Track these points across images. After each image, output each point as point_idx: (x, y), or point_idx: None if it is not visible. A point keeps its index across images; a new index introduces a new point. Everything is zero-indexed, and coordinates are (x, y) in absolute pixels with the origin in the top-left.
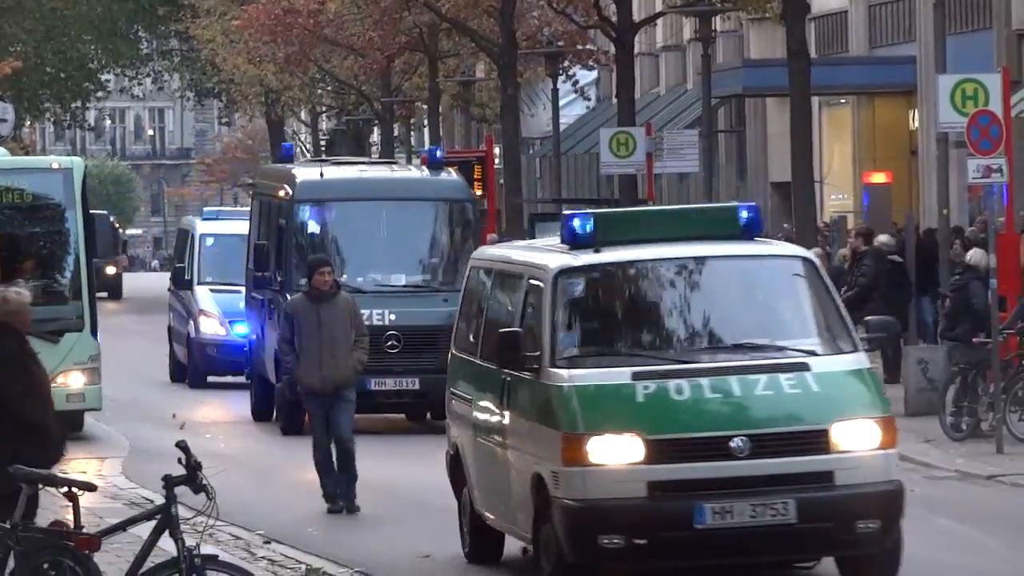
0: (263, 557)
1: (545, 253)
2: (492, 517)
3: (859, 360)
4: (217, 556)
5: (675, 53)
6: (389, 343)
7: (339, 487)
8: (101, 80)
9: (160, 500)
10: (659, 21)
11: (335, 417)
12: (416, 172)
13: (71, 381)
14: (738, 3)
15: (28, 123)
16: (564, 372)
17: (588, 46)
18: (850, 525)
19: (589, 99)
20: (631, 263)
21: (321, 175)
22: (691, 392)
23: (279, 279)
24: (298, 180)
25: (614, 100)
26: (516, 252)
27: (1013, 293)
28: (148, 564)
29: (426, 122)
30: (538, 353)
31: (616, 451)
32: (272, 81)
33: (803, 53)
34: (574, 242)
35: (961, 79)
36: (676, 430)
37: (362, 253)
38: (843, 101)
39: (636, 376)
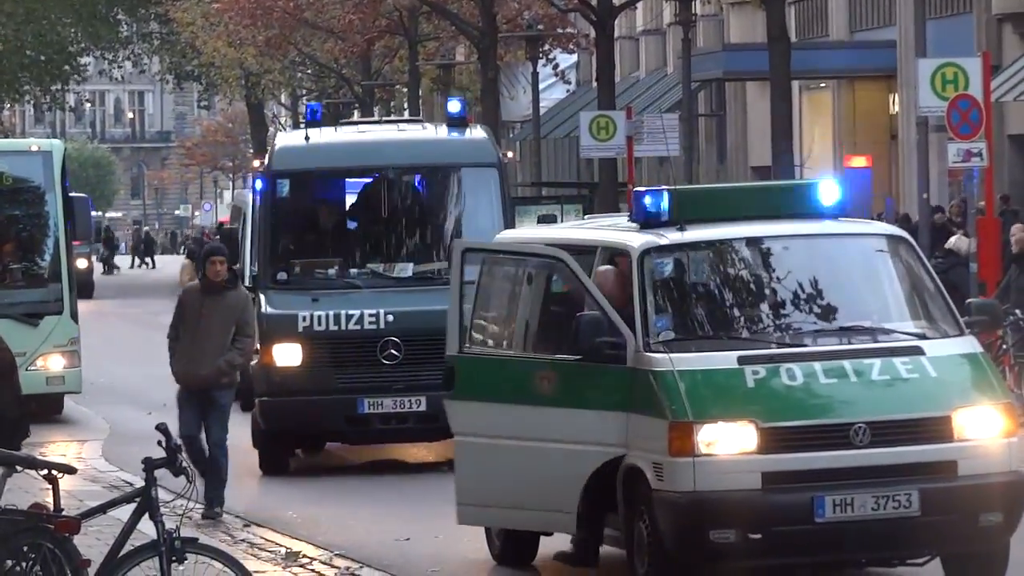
0: (243, 540)
1: (619, 232)
2: (528, 519)
3: (971, 343)
4: (197, 539)
5: (655, 37)
6: (386, 352)
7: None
8: (81, 63)
9: (140, 483)
10: (639, 5)
11: (207, 421)
12: (429, 130)
13: (51, 364)
14: None
15: (8, 106)
16: (664, 356)
17: (568, 29)
18: (974, 518)
19: (569, 83)
20: (723, 242)
21: (306, 139)
22: (804, 377)
23: (252, 272)
24: (276, 147)
25: (594, 84)
26: (574, 232)
27: (993, 278)
28: (128, 547)
29: (406, 105)
30: (621, 339)
31: (728, 440)
32: (252, 64)
33: (783, 37)
34: (647, 220)
35: (941, 63)
36: (792, 417)
37: (356, 237)
38: (823, 85)
39: (743, 360)
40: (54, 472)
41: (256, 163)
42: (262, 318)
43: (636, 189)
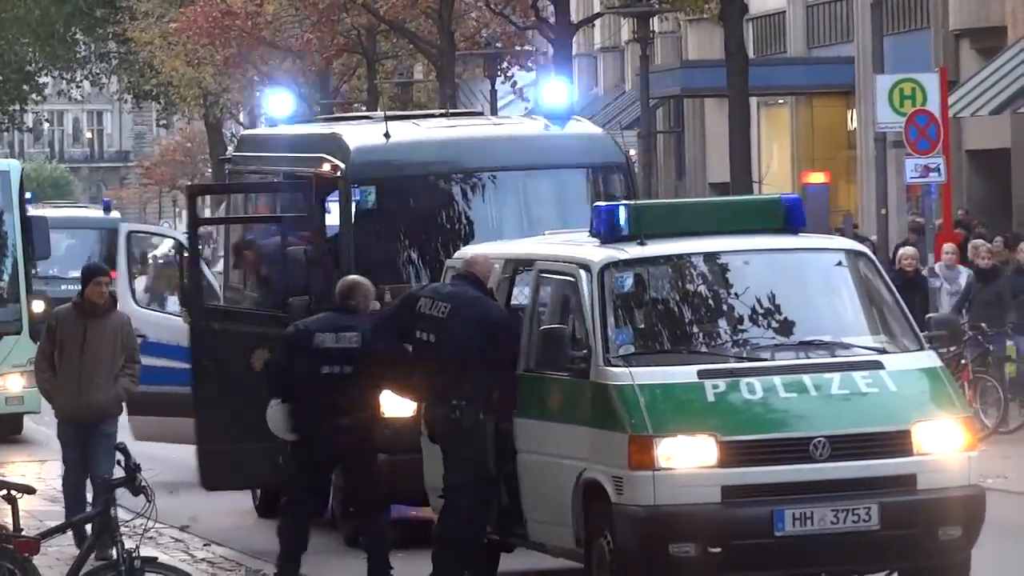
0: (203, 559)
1: (578, 247)
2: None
3: (931, 358)
4: (156, 558)
5: (613, 54)
6: None
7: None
8: (39, 83)
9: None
10: (597, 22)
11: (92, 453)
12: (536, 124)
13: (9, 384)
14: (676, 4)
15: None
16: (624, 370)
17: (526, 47)
18: (933, 532)
19: (527, 100)
20: (683, 257)
21: (387, 136)
22: (764, 391)
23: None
24: (352, 147)
25: None
26: (535, 247)
27: None
28: (88, 566)
29: None
30: (584, 352)
31: (688, 454)
32: (210, 83)
33: (741, 54)
34: (607, 235)
35: (899, 79)
36: (752, 431)
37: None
38: (781, 101)
39: (703, 374)
40: (13, 492)
41: (323, 167)
42: None
43: (596, 204)
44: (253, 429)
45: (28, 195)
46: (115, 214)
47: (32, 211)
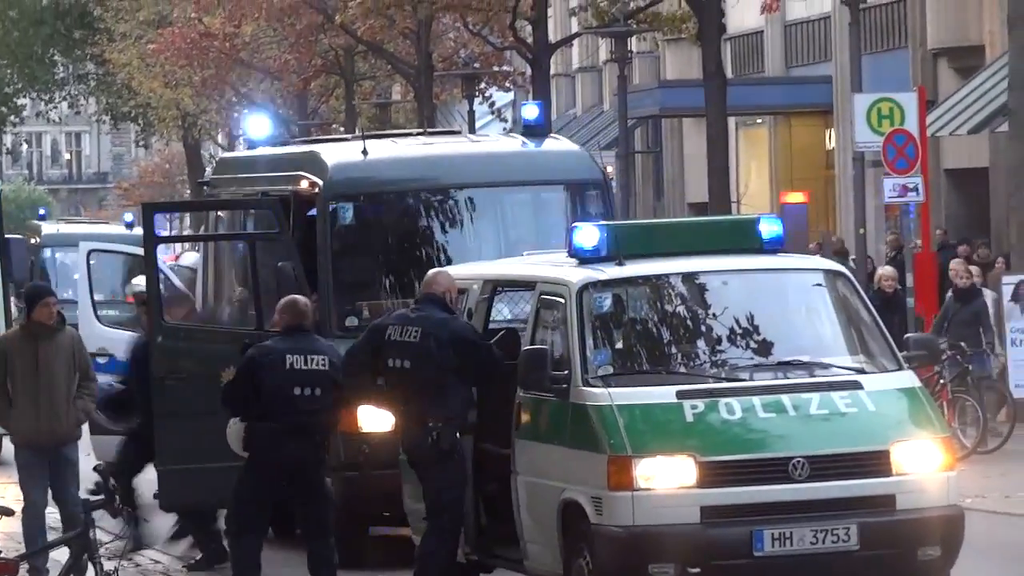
0: None
1: (557, 267)
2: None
3: (910, 378)
4: None
5: (591, 74)
6: None
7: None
8: (17, 104)
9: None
10: (575, 42)
11: (57, 480)
12: (513, 141)
13: None
14: (654, 24)
15: None
16: (603, 391)
17: (504, 67)
18: (912, 552)
19: (506, 120)
20: (661, 277)
21: (364, 153)
22: (742, 412)
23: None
24: (329, 164)
25: None
26: (512, 268)
27: (930, 313)
28: None
29: None
30: (565, 372)
31: (667, 474)
32: (189, 105)
33: (719, 73)
34: (584, 255)
35: (877, 98)
36: (731, 451)
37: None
38: (760, 121)
39: (681, 395)
40: None
41: (301, 184)
42: None
43: (574, 224)
44: (213, 449)
45: (42, 211)
46: (138, 230)
47: (47, 228)
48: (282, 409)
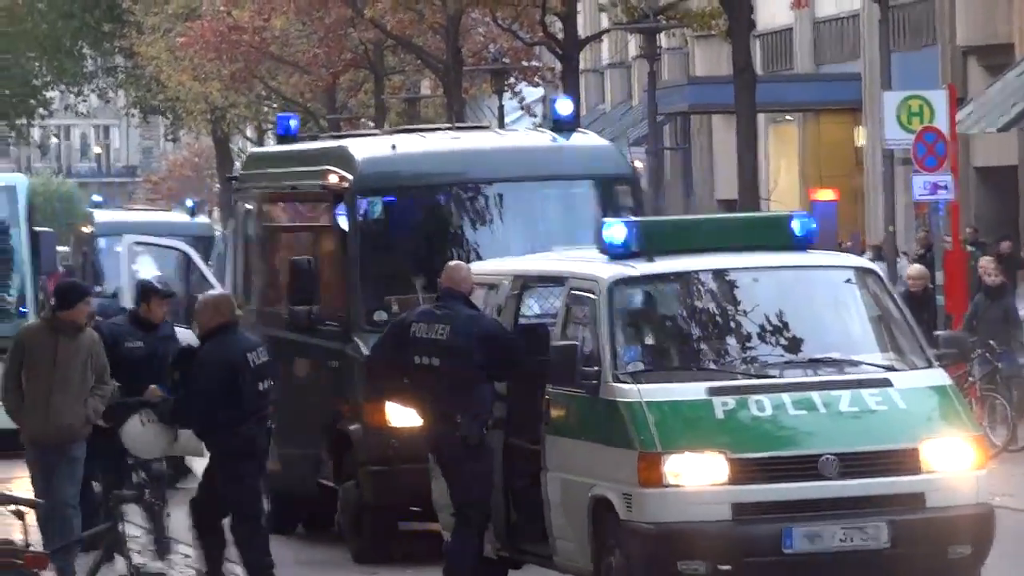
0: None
1: (587, 263)
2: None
3: (940, 376)
4: (164, 574)
5: (621, 70)
6: None
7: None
8: (46, 97)
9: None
10: (604, 38)
11: (56, 478)
12: (542, 136)
13: None
14: (683, 20)
15: None
16: (633, 387)
17: (534, 63)
18: (942, 551)
19: (535, 116)
20: (692, 273)
21: (394, 148)
22: (773, 409)
23: (338, 315)
24: (358, 159)
25: None
26: (543, 263)
27: (960, 311)
28: None
29: None
30: (595, 368)
31: (697, 471)
32: (217, 98)
33: (749, 70)
34: (614, 251)
35: (907, 96)
36: (761, 448)
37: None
38: (789, 118)
39: (712, 392)
40: (21, 508)
41: (330, 179)
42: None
43: (604, 220)
44: None
45: (99, 199)
46: (202, 218)
47: (99, 217)
48: (251, 403)
